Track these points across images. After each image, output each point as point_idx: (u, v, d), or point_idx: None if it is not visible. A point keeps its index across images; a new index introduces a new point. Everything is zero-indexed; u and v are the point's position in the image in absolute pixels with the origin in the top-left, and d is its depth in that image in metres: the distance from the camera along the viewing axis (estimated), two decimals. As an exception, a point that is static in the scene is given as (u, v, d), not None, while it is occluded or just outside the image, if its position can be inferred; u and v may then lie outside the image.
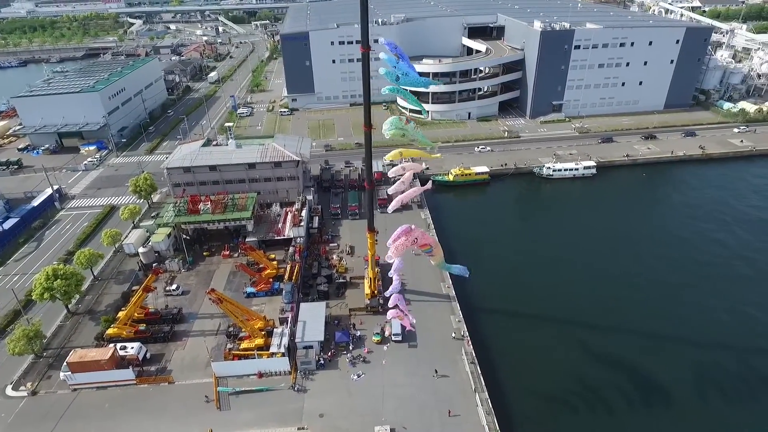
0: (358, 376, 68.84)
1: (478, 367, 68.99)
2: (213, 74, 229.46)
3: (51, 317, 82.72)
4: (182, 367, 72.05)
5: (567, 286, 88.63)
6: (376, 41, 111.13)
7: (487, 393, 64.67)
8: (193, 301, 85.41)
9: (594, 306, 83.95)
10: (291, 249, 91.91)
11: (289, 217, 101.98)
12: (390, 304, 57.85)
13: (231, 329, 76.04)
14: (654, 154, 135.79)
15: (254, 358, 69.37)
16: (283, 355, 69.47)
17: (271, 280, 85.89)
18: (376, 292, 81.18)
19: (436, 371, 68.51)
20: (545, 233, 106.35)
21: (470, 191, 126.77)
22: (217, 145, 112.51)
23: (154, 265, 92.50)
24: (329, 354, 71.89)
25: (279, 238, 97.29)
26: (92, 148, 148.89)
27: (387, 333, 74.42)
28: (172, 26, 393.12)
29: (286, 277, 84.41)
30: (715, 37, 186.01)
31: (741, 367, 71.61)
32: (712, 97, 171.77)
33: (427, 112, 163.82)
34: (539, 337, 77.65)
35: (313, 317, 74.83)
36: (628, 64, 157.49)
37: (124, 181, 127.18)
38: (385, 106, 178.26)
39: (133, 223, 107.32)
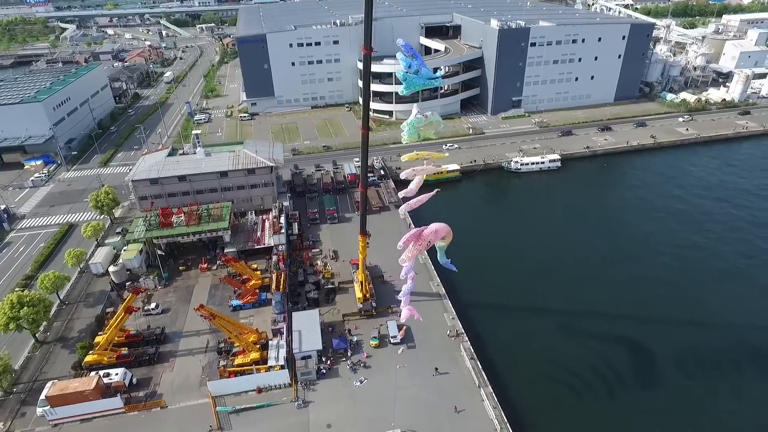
0: (361, 382, 67.89)
1: (478, 363, 69.81)
2: (168, 74, 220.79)
3: (17, 349, 76.15)
4: (173, 389, 68.31)
5: (549, 274, 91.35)
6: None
7: (491, 387, 65.58)
8: (176, 319, 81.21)
9: (576, 290, 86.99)
10: (274, 257, 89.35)
11: (267, 224, 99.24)
12: (403, 306, 57.15)
13: (222, 345, 72.91)
14: (611, 145, 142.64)
15: (251, 373, 66.88)
16: (282, 367, 67.40)
17: (257, 291, 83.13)
18: (368, 295, 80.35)
19: (437, 369, 68.69)
20: (520, 225, 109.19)
21: (442, 189, 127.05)
22: (184, 153, 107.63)
23: (128, 284, 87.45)
24: (328, 362, 70.46)
25: (259, 247, 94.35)
26: (38, 162, 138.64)
27: (399, 334, 73.29)
28: (110, 31, 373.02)
29: (273, 286, 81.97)
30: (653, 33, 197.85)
31: (708, 340, 76.48)
32: (656, 89, 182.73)
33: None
34: (530, 327, 79.52)
35: (307, 326, 73.00)
36: (580, 60, 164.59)
37: (81, 197, 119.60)
38: (348, 107, 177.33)
39: (97, 240, 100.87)
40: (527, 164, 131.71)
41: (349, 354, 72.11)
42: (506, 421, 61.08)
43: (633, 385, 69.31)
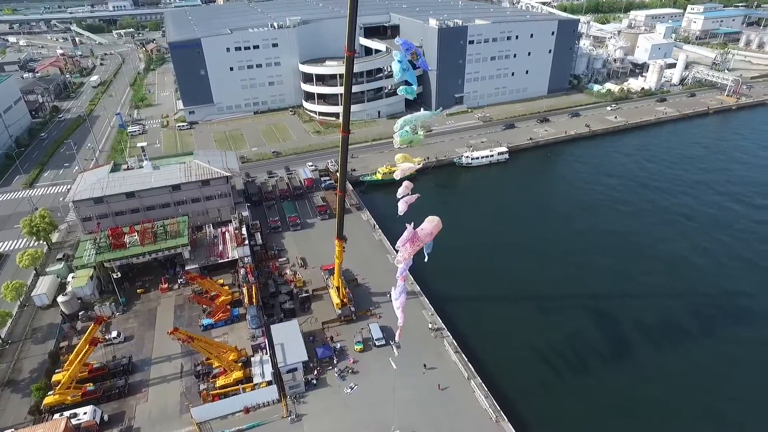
0: (351, 388, 66.98)
1: (463, 355, 71.18)
2: (95, 78, 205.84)
3: (-43, 399, 67.69)
4: (151, 421, 63.72)
5: (512, 262, 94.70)
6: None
7: (479, 378, 67.11)
8: (142, 345, 75.75)
9: (539, 275, 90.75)
10: (242, 270, 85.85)
11: (228, 236, 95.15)
12: (399, 308, 56.76)
13: (200, 368, 68.96)
14: (551, 135, 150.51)
15: (237, 393, 63.88)
16: (269, 383, 64.96)
17: (228, 307, 79.46)
18: (346, 300, 79.36)
19: (425, 365, 69.19)
20: (477, 217, 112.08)
21: (398, 186, 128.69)
22: (128, 168, 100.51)
23: (81, 313, 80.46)
24: (315, 372, 68.84)
25: (222, 261, 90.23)
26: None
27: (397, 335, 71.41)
28: (11, 38, 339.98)
29: (246, 300, 78.88)
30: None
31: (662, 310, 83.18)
32: (583, 81, 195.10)
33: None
34: (505, 315, 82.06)
35: (289, 338, 70.75)
36: (515, 56, 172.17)
37: (8, 223, 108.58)
38: (291, 111, 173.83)
39: (36, 269, 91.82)
40: (477, 158, 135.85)
41: (335, 361, 70.87)
42: (499, 408, 62.82)
43: (608, 358, 73.67)
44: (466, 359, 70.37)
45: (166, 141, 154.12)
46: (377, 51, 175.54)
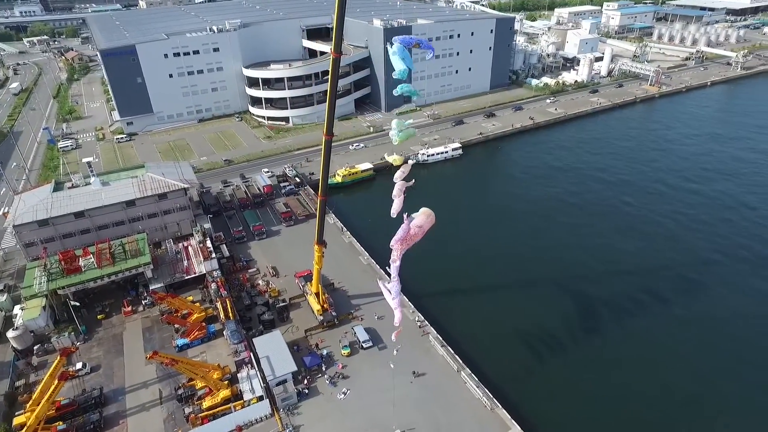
0: (344, 393, 66.21)
1: (450, 348, 72.44)
2: (15, 85, 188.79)
3: None
4: (135, 453, 59.78)
5: (482, 253, 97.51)
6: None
7: (468, 369, 68.56)
8: (112, 375, 70.65)
9: (510, 263, 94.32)
10: (213, 285, 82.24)
11: (192, 251, 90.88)
12: (396, 306, 56.67)
13: (182, 391, 65.37)
14: (499, 129, 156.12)
15: (228, 413, 61.24)
16: (260, 398, 62.81)
17: (203, 324, 75.86)
18: (326, 306, 78.23)
19: (414, 372, 68.09)
20: (440, 213, 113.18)
21: (359, 189, 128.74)
22: (73, 186, 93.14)
23: (37, 347, 73.69)
24: (305, 381, 67.35)
25: (189, 277, 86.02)
26: None
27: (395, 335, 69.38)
28: None
29: (222, 316, 75.76)
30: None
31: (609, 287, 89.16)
32: (521, 76, 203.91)
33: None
34: (481, 305, 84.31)
35: (274, 349, 68.84)
36: (458, 54, 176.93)
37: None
38: (238, 117, 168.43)
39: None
40: (433, 155, 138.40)
41: (323, 368, 69.70)
42: (492, 396, 64.57)
43: (579, 337, 77.81)
44: (453, 352, 71.70)
45: (104, 155, 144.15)
46: (323, 53, 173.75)
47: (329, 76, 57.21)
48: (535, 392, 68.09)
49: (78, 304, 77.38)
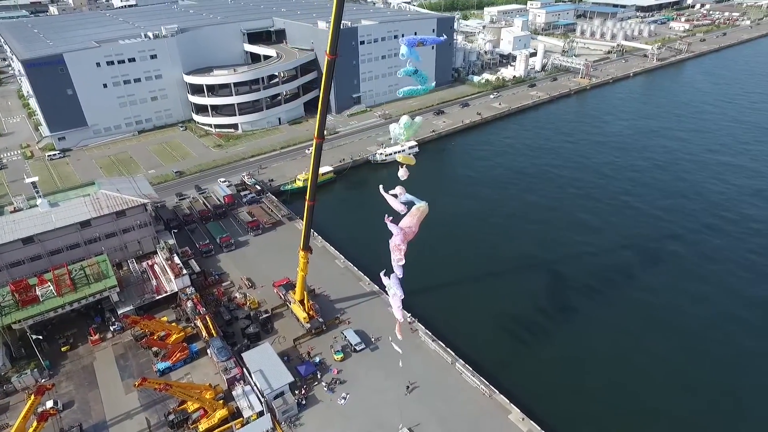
0: (344, 398, 65.64)
1: (440, 342, 73.78)
2: None
3: None
4: (130, 489, 55.89)
5: (452, 246, 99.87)
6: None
7: (462, 360, 70.24)
8: (88, 410, 65.51)
9: (480, 254, 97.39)
10: (189, 303, 78.34)
11: (159, 269, 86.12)
12: (399, 305, 56.94)
13: (173, 416, 61.86)
14: (450, 126, 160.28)
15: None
16: (259, 414, 60.83)
17: (185, 345, 72.14)
18: (312, 312, 76.98)
19: (408, 387, 66.44)
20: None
21: (321, 192, 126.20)
22: (16, 210, 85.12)
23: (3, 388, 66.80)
24: (303, 391, 66.01)
25: (160, 296, 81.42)
26: None
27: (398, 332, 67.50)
28: None
29: (205, 334, 72.50)
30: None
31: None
32: (462, 73, 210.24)
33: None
34: (462, 296, 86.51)
35: (266, 362, 66.95)
36: (403, 54, 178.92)
37: None
38: (182, 126, 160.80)
39: None
40: (391, 154, 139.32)
41: (319, 376, 68.63)
42: (488, 383, 66.62)
43: (554, 316, 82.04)
44: (444, 345, 73.11)
45: (38, 174, 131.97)
46: (267, 57, 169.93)
47: (323, 78, 56.18)
48: (527, 374, 71.00)
49: (41, 337, 70.89)
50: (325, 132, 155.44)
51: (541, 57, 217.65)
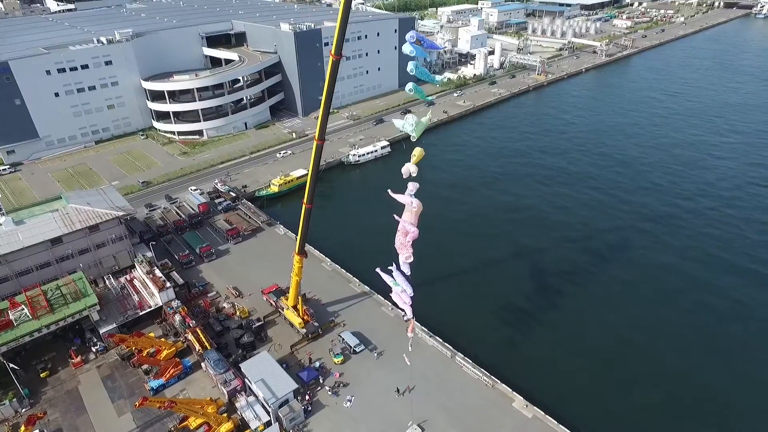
0: (350, 401, 65.22)
1: (438, 337, 74.62)
2: None
3: None
4: None
5: (434, 242, 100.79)
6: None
7: (462, 354, 71.34)
8: (79, 435, 61.92)
9: (460, 247, 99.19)
10: (177, 316, 75.40)
11: (139, 284, 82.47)
12: (408, 302, 57.35)
13: (175, 435, 59.57)
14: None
15: (235, 446, 57.25)
16: (266, 424, 59.48)
17: (178, 360, 69.44)
18: (307, 317, 75.95)
19: (398, 389, 65.21)
20: (379, 210, 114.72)
21: (297, 196, 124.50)
22: (-24, 230, 79.09)
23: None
24: (307, 397, 65.05)
25: (144, 312, 77.95)
26: None
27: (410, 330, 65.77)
28: None
29: (198, 347, 70.08)
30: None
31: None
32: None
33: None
34: (449, 291, 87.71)
35: (267, 371, 65.40)
36: (367, 54, 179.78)
37: None
38: (142, 135, 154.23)
39: None
40: (363, 155, 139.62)
41: (321, 381, 67.85)
42: (489, 374, 68.05)
43: (539, 302, 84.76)
44: (442, 340, 74.02)
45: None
46: (229, 61, 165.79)
47: (326, 79, 55.70)
48: (525, 362, 72.90)
49: (17, 367, 66.25)
50: (297, 135, 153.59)
51: (499, 55, 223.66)
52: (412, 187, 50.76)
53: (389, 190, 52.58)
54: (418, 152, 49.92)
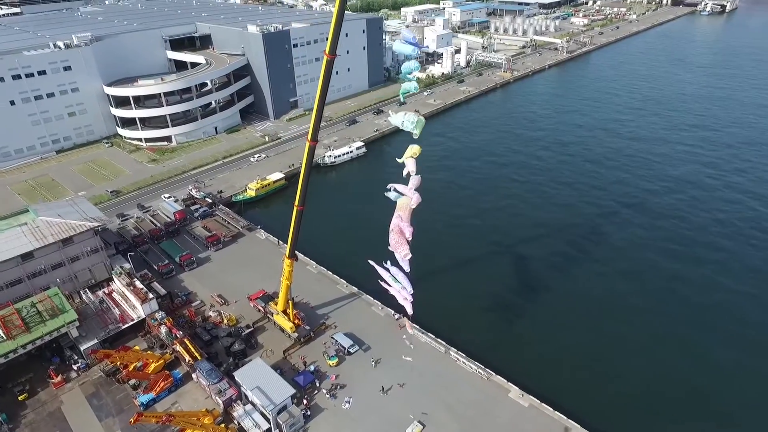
0: (348, 402, 64.85)
1: (430, 333, 75.16)
2: None
3: None
4: None
5: (422, 239, 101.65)
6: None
7: (455, 348, 72.10)
8: (67, 458, 59.09)
9: (444, 243, 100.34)
10: (163, 328, 73.03)
11: (119, 297, 79.41)
12: (409, 299, 57.48)
13: (171, 450, 57.67)
14: (390, 125, 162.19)
15: (236, 457, 55.99)
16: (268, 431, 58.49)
17: (168, 372, 67.25)
18: (298, 321, 75.03)
19: (383, 387, 66.32)
20: (362, 210, 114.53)
21: (274, 200, 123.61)
22: (-62, 249, 74.24)
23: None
24: (305, 402, 64.29)
25: (126, 326, 75.10)
26: None
27: (408, 327, 69.24)
28: None
29: (188, 358, 68.12)
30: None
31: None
32: (392, 72, 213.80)
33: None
34: (439, 287, 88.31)
35: (261, 378, 64.22)
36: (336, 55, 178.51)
37: None
38: (107, 143, 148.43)
39: None
40: (339, 156, 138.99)
41: (317, 384, 67.20)
42: (484, 367, 69.07)
43: (522, 291, 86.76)
44: (434, 336, 74.59)
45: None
46: (195, 64, 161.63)
47: (320, 78, 55.12)
48: (516, 352, 74.44)
49: (-6, 388, 62.75)
50: (270, 138, 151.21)
51: (465, 54, 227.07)
52: (417, 181, 51.45)
53: (393, 185, 52.27)
54: (417, 149, 50.07)
